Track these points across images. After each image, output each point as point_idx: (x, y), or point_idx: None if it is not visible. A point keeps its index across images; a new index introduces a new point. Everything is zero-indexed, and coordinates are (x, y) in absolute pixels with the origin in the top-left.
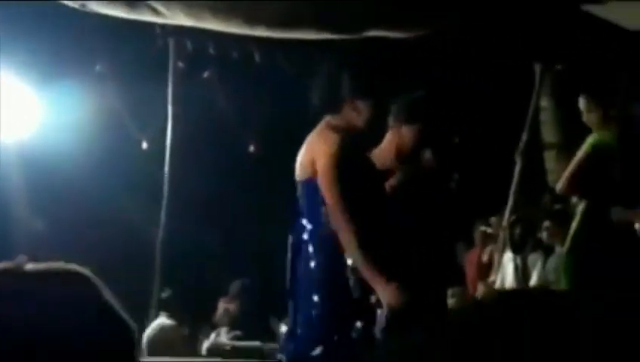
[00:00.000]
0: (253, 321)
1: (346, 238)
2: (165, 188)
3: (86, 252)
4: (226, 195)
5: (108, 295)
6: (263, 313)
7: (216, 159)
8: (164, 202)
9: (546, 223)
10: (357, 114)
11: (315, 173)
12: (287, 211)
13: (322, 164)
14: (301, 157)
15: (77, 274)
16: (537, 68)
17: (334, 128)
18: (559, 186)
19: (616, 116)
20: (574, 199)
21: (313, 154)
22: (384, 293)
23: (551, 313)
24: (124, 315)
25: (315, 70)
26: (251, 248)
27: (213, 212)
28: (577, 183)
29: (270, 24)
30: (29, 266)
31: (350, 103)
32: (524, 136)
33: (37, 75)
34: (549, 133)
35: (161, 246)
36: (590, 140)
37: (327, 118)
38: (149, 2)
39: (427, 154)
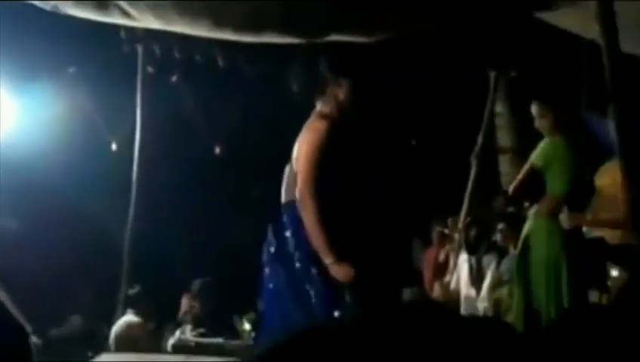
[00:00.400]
0: (215, 319)
1: (306, 216)
2: (133, 188)
3: (56, 249)
4: (192, 195)
5: (3, 296)
6: (226, 310)
7: (183, 160)
8: (132, 201)
9: (500, 226)
10: (341, 92)
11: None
12: (251, 211)
13: (303, 151)
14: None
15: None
16: (492, 74)
17: (324, 116)
18: (510, 190)
19: (566, 122)
20: (526, 203)
21: (299, 144)
22: (333, 269)
23: None
24: (18, 318)
25: (281, 68)
26: (215, 247)
27: (180, 211)
28: (527, 188)
29: (236, 27)
30: None
31: (332, 83)
32: (479, 140)
33: (11, 77)
34: (503, 138)
35: (129, 244)
36: (542, 146)
37: (318, 108)
38: (118, 3)
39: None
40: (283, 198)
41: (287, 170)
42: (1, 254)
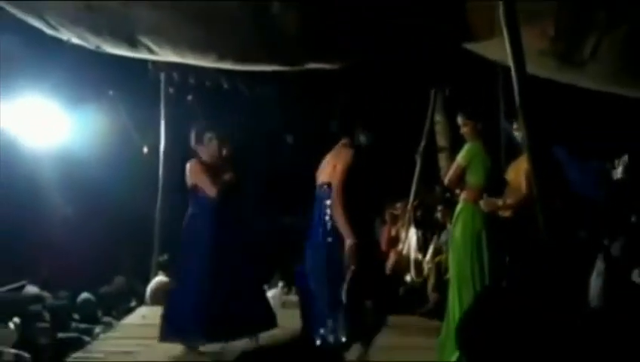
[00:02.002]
0: None
1: (338, 214)
2: (160, 181)
3: (104, 228)
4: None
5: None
6: None
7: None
8: (160, 191)
9: (440, 207)
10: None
11: (334, 177)
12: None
13: (339, 170)
14: (323, 167)
15: None
16: (432, 91)
17: (349, 145)
18: (445, 181)
19: (482, 130)
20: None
21: (334, 161)
22: (350, 243)
23: None
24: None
25: (266, 93)
26: None
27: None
28: (457, 180)
29: (235, 59)
30: None
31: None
32: (423, 142)
33: (66, 99)
34: (441, 140)
35: (159, 223)
36: (465, 148)
37: (343, 141)
38: (145, 43)
39: None
40: (319, 181)
41: (325, 160)
42: (65, 233)
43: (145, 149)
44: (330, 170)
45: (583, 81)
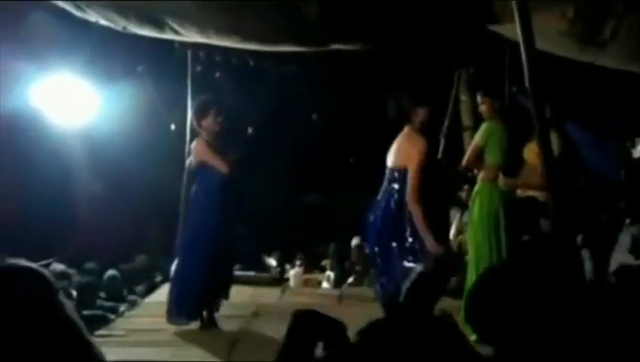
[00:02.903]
0: (249, 257)
1: (415, 214)
2: (187, 157)
3: (130, 207)
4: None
5: (62, 297)
6: (257, 250)
7: (222, 136)
8: (186, 168)
9: (466, 186)
10: (419, 117)
11: (408, 163)
12: (270, 179)
13: (415, 158)
14: (396, 151)
15: (31, 272)
16: (456, 71)
17: (417, 132)
18: (464, 161)
19: (499, 109)
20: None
21: (409, 151)
22: (429, 242)
23: None
24: (79, 323)
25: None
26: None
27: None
28: (475, 160)
29: (260, 40)
30: None
31: (414, 111)
32: (446, 121)
33: (95, 76)
34: (466, 119)
35: (184, 201)
36: (482, 128)
37: (408, 126)
38: (171, 24)
39: None
40: (390, 163)
41: (395, 143)
42: (92, 211)
43: (172, 126)
44: (403, 154)
45: (602, 60)
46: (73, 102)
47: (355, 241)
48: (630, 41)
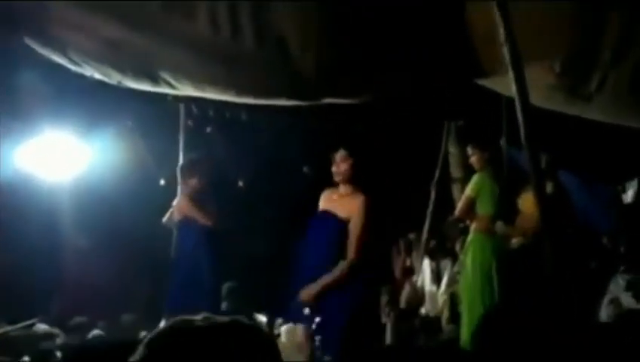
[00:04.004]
0: (238, 314)
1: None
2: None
3: (117, 265)
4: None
5: (278, 351)
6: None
7: (214, 191)
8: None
9: (459, 238)
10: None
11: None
12: (265, 230)
13: (357, 219)
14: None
15: (251, 329)
16: (445, 123)
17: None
18: (456, 212)
19: (489, 160)
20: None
21: (352, 204)
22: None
23: None
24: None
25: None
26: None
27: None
28: (467, 211)
29: (254, 95)
30: (201, 321)
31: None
32: (437, 173)
33: (85, 127)
34: (455, 171)
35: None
36: (473, 179)
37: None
38: (166, 78)
39: None
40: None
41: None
42: (78, 269)
43: (162, 181)
44: (346, 203)
45: (590, 114)
46: (61, 157)
47: None
48: (617, 93)
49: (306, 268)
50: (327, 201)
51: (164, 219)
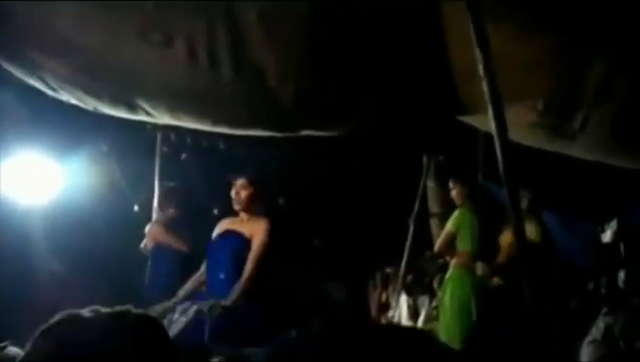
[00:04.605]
0: None
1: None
2: None
3: (89, 289)
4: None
5: (169, 340)
6: None
7: (189, 219)
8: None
9: (438, 275)
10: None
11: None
12: None
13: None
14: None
15: (141, 318)
16: (425, 158)
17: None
18: (435, 248)
19: (470, 194)
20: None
21: (255, 228)
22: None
23: None
24: None
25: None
26: None
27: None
28: (447, 247)
29: (230, 125)
30: (88, 312)
31: None
32: (416, 207)
33: (58, 153)
34: (433, 205)
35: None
36: (454, 215)
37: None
38: (143, 106)
39: None
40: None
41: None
42: (50, 292)
43: (136, 207)
44: (249, 225)
45: (573, 151)
46: (35, 182)
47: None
48: (600, 131)
49: (212, 284)
50: (229, 224)
51: (142, 245)
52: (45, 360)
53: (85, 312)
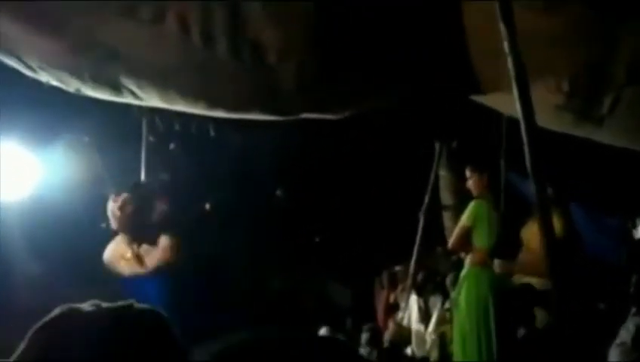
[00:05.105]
0: None
1: None
2: None
3: (72, 287)
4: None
5: (176, 332)
6: None
7: (175, 211)
8: None
9: (450, 274)
10: None
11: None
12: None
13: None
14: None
15: (144, 312)
16: (437, 144)
17: None
18: (449, 244)
19: (488, 184)
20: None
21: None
22: None
23: None
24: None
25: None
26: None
27: None
28: (461, 242)
29: (227, 108)
30: (89, 306)
31: None
32: (426, 199)
33: (36, 143)
34: (446, 197)
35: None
36: (470, 207)
37: None
38: (130, 87)
39: None
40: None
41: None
42: (29, 291)
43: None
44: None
45: (600, 137)
46: (9, 175)
47: (323, 332)
48: (630, 115)
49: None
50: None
51: None
52: (45, 355)
53: (85, 306)
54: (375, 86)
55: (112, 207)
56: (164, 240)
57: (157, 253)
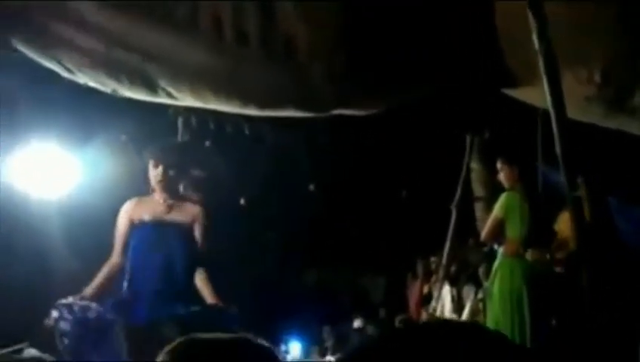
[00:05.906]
0: None
1: None
2: None
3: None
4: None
5: None
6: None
7: (214, 208)
8: None
9: (483, 264)
10: None
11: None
12: (263, 248)
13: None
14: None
15: (258, 347)
16: (468, 137)
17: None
18: (482, 236)
19: (520, 176)
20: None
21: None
22: None
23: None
24: None
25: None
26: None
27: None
28: (494, 234)
29: (260, 105)
30: (210, 337)
31: None
32: (458, 191)
33: (75, 143)
34: (478, 189)
35: None
36: (502, 199)
37: None
38: (165, 88)
39: None
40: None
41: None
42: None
43: None
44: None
45: (631, 127)
46: (51, 174)
47: (357, 323)
48: None
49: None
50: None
51: None
52: None
53: (205, 336)
54: (405, 82)
55: (152, 170)
56: (193, 208)
57: (187, 209)
